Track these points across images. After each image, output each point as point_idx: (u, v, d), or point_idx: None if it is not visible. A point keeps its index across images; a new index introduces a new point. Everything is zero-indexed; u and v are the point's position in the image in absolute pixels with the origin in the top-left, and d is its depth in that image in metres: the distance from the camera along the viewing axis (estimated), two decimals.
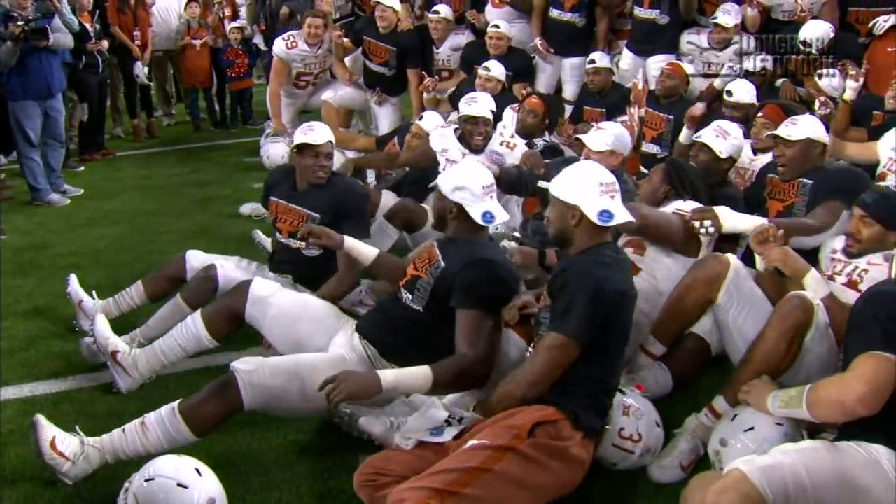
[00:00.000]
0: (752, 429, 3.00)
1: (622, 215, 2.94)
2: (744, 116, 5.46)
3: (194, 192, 7.43)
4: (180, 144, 9.57)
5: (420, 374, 2.93)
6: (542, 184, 3.53)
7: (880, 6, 6.13)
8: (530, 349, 3.10)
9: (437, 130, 5.37)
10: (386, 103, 7.65)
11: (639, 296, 3.06)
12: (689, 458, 3.19)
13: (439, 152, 5.34)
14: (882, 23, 5.74)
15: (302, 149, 4.24)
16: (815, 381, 2.66)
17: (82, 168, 8.16)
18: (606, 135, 4.41)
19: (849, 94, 5.50)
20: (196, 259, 4.31)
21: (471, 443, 2.69)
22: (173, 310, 4.01)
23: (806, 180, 4.21)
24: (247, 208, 6.55)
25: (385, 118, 7.39)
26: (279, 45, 7.58)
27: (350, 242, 3.71)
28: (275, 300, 3.65)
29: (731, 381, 3.26)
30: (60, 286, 4.48)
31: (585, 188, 2.93)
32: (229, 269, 4.13)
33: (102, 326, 3.77)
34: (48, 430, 2.97)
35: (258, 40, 9.89)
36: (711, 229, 3.68)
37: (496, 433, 2.70)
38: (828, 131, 4.50)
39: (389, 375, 2.89)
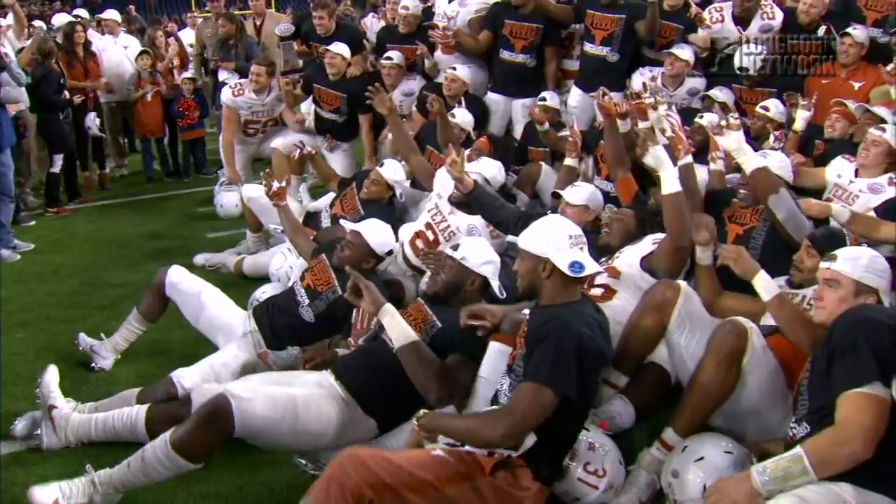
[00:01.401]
0: (702, 458, 3.07)
1: (592, 267, 3.00)
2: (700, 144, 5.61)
3: (148, 244, 7.34)
4: (133, 196, 9.46)
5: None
6: (510, 238, 3.59)
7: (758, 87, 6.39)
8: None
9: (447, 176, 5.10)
10: (337, 149, 7.67)
11: None
12: (647, 493, 3.24)
13: (435, 192, 5.40)
14: None
15: None
16: (767, 413, 2.75)
17: (33, 222, 8.06)
18: (583, 191, 4.58)
19: (799, 125, 5.70)
20: (176, 275, 4.49)
21: (438, 451, 2.74)
22: (126, 399, 3.99)
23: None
24: (201, 258, 6.48)
25: (337, 164, 7.41)
26: (227, 93, 7.66)
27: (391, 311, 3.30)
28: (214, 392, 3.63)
29: (678, 411, 3.32)
30: (12, 344, 4.46)
31: (555, 240, 2.99)
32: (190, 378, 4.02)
33: (51, 379, 3.84)
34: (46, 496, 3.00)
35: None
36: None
37: (460, 456, 2.73)
38: None
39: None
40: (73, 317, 5.46)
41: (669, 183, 3.78)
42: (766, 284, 3.34)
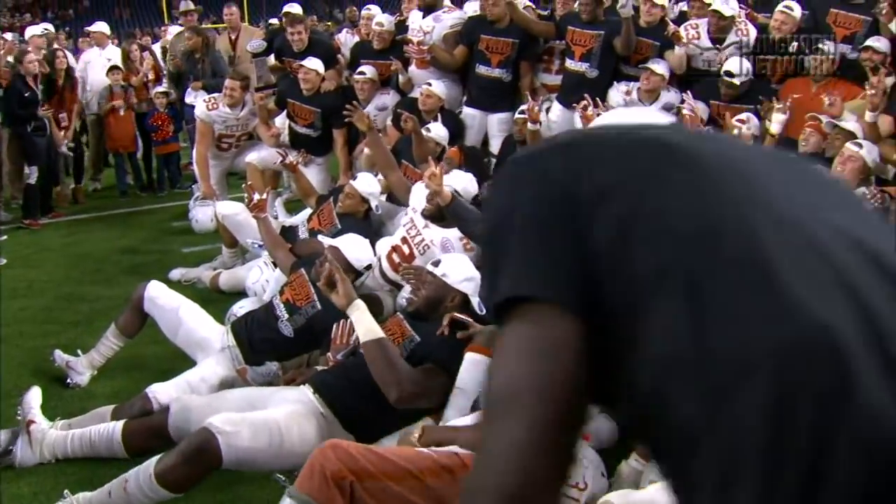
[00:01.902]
0: None
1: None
2: None
3: (122, 259, 7.29)
4: (106, 210, 9.38)
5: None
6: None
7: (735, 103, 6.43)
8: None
9: (422, 190, 5.14)
10: (312, 164, 7.66)
11: None
12: None
13: (410, 207, 5.40)
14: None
15: None
16: None
17: (5, 237, 7.99)
18: None
19: (775, 128, 5.75)
20: (155, 290, 4.46)
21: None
22: (101, 415, 3.96)
23: None
24: (176, 273, 6.43)
25: (312, 178, 7.38)
26: (200, 107, 7.61)
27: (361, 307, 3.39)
28: (193, 405, 3.64)
29: None
30: None
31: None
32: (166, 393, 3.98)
33: (34, 396, 3.86)
34: None
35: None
36: None
37: (446, 454, 2.75)
38: None
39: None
40: (47, 332, 5.39)
41: None
42: None
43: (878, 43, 6.13)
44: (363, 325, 3.24)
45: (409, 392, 3.11)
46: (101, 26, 10.55)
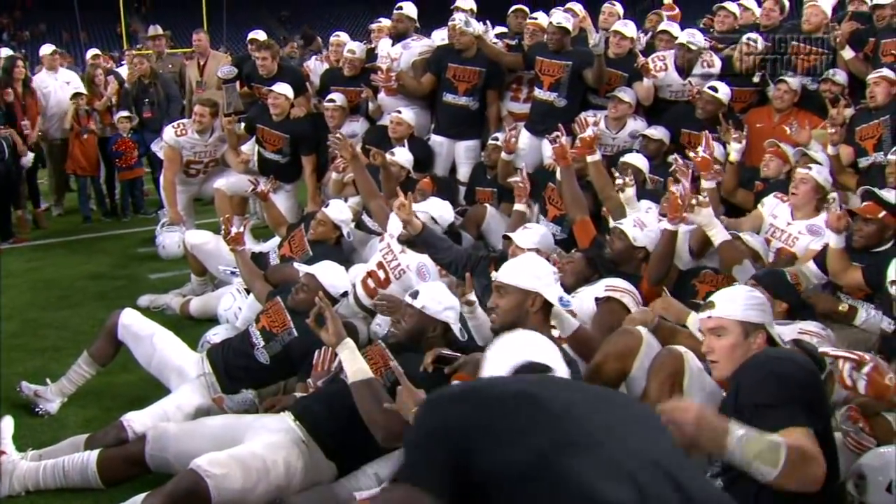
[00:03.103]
0: None
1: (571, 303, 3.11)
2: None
3: (88, 285, 7.18)
4: (70, 236, 9.24)
5: None
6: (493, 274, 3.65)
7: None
8: None
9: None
10: (280, 190, 7.64)
11: None
12: None
13: (388, 232, 5.41)
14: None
15: None
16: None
17: None
18: (533, 234, 4.64)
19: (734, 156, 5.90)
20: (129, 317, 4.43)
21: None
22: (75, 444, 3.90)
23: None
24: (144, 300, 6.37)
25: (280, 205, 7.37)
26: (169, 133, 7.58)
27: (350, 346, 3.34)
28: (171, 433, 3.60)
29: None
30: None
31: (544, 275, 3.09)
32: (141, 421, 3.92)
33: (3, 427, 3.83)
34: None
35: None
36: None
37: None
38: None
39: None
40: (12, 359, 5.30)
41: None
42: (695, 322, 3.45)
43: (837, 75, 6.31)
44: (352, 364, 3.22)
45: (396, 432, 3.11)
46: (46, 49, 10.24)
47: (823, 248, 4.70)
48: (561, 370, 2.15)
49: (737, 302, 2.92)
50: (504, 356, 2.15)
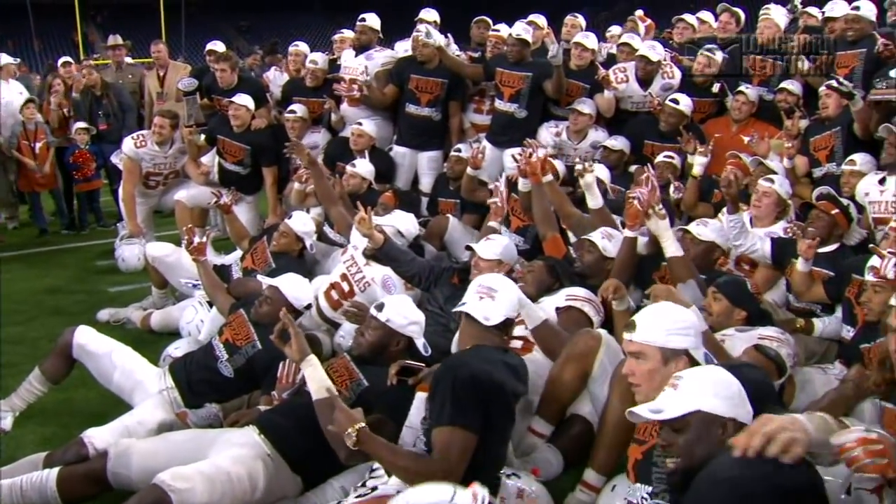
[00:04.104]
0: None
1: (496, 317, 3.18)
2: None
3: (45, 299, 7.07)
4: (26, 249, 9.09)
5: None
6: None
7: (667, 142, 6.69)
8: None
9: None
10: (241, 202, 7.59)
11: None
12: None
13: (352, 244, 5.39)
14: None
15: None
16: None
17: None
18: (496, 245, 4.65)
19: (697, 171, 5.99)
20: (83, 336, 4.32)
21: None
22: (33, 463, 3.79)
23: (700, 276, 4.59)
24: (104, 314, 6.28)
25: (241, 217, 7.34)
26: (128, 144, 7.50)
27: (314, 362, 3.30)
28: (134, 449, 3.52)
29: (594, 451, 3.41)
30: None
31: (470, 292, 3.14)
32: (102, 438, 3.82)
33: None
34: None
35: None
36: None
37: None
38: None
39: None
40: None
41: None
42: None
43: (792, 85, 6.43)
44: (316, 382, 3.19)
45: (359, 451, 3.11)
46: (5, 59, 10.10)
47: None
48: None
49: (658, 327, 2.89)
50: None
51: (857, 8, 6.21)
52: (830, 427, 2.17)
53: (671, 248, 4.47)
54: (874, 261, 3.93)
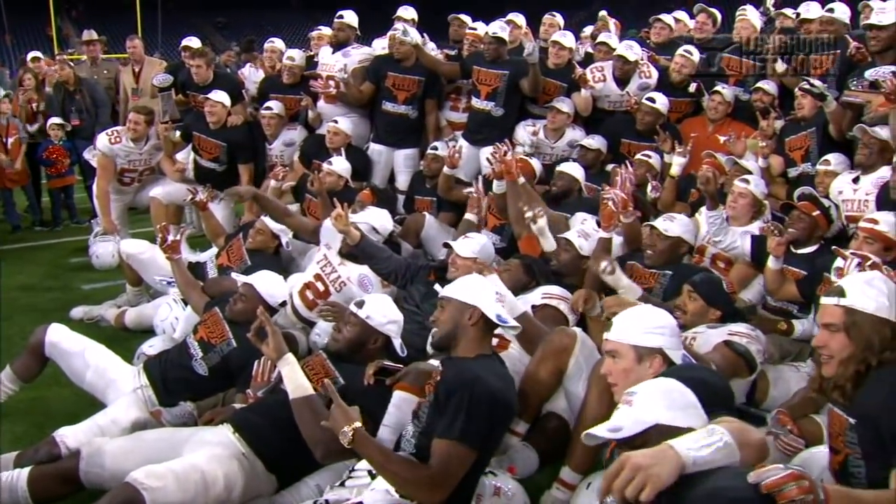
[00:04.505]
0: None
1: (512, 321, 3.15)
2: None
3: (19, 297, 6.96)
4: None
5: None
6: (438, 288, 3.66)
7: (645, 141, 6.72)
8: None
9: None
10: (216, 199, 7.56)
11: None
12: None
13: (323, 243, 5.37)
14: None
15: None
16: None
17: None
18: (474, 243, 4.64)
19: (675, 171, 6.00)
20: (56, 334, 4.25)
21: None
22: (4, 463, 3.73)
23: (667, 272, 4.59)
24: (78, 312, 6.22)
25: (217, 214, 7.31)
26: (102, 140, 7.44)
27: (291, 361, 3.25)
28: (107, 448, 3.49)
29: (570, 449, 3.42)
30: None
31: (484, 292, 3.10)
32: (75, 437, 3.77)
33: None
34: None
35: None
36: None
37: None
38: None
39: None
40: None
41: None
42: None
43: (768, 85, 6.47)
44: (293, 381, 3.16)
45: (335, 450, 3.08)
46: None
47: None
48: None
49: (633, 326, 2.91)
50: None
51: (831, 10, 6.30)
52: (746, 438, 2.11)
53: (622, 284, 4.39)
54: (839, 262, 3.98)
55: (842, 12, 6.28)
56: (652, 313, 3.02)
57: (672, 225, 4.88)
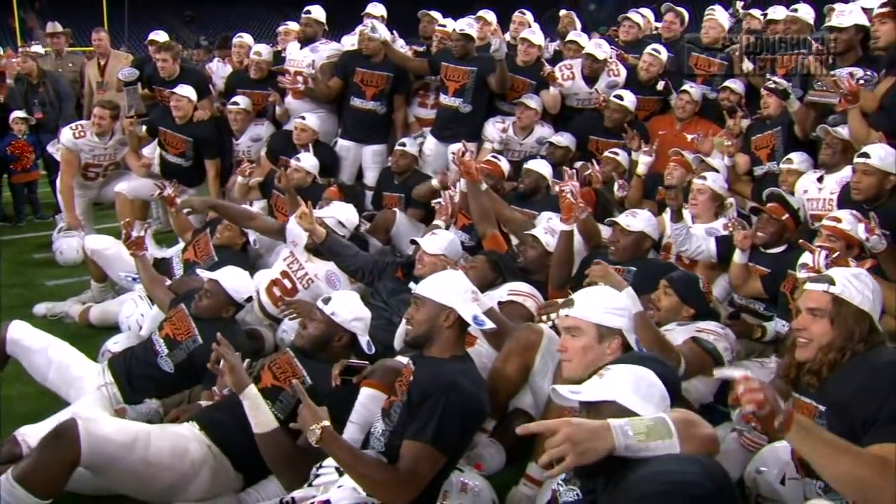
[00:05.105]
0: None
1: (490, 323, 3.16)
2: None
3: None
4: None
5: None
6: (412, 286, 3.63)
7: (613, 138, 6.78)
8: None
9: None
10: (183, 195, 7.47)
11: None
12: None
13: (289, 240, 5.32)
14: None
15: None
16: None
17: None
18: (441, 240, 4.64)
19: (641, 169, 6.07)
20: (17, 331, 4.19)
21: None
22: None
23: (631, 267, 4.62)
24: (41, 308, 6.10)
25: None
26: (66, 134, 7.36)
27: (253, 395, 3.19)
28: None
29: (537, 445, 3.42)
30: None
31: (460, 293, 3.09)
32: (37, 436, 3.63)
33: None
34: None
35: None
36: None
37: None
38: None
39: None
40: None
41: None
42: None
43: (735, 85, 6.53)
44: (255, 416, 3.13)
45: (299, 479, 3.07)
46: None
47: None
48: None
49: (596, 304, 2.93)
50: None
51: (795, 10, 6.39)
52: (692, 432, 2.10)
53: None
54: (806, 258, 4.02)
55: (805, 13, 6.37)
56: (614, 294, 3.06)
57: (634, 220, 4.89)
